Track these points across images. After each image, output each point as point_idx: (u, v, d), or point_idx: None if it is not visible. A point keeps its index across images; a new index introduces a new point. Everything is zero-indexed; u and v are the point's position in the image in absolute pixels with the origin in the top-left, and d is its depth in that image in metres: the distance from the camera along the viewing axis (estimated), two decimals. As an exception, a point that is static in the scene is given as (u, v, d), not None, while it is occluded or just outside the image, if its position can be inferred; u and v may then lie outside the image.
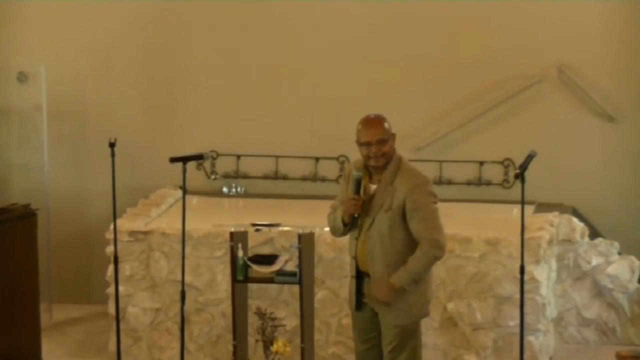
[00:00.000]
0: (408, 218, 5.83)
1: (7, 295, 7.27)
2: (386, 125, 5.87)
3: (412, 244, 5.85)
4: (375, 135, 5.82)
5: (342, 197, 6.01)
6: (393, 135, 5.90)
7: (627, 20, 9.00)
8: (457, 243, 7.66)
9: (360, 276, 5.98)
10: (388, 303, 5.87)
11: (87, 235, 9.46)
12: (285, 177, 9.45)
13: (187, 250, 7.46)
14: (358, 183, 5.86)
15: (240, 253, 6.80)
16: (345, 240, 6.27)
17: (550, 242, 7.90)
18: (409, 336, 5.94)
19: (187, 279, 7.58)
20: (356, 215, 5.88)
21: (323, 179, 9.37)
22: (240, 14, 9.39)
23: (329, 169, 9.25)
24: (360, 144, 5.90)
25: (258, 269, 6.79)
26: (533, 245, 7.62)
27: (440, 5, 9.13)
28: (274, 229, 6.99)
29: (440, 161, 9.13)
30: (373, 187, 5.91)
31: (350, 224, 5.93)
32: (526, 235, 6.91)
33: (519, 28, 9.07)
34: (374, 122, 5.88)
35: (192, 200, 8.76)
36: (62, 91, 9.46)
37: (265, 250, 7.57)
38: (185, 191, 6.68)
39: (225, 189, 9.42)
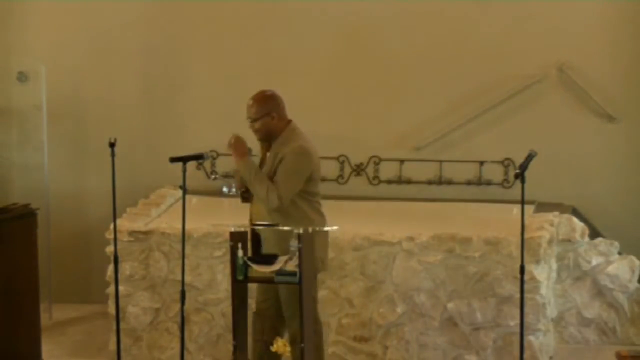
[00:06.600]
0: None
1: (7, 295, 7.26)
2: (260, 106, 6.52)
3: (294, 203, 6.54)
4: (248, 114, 6.61)
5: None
6: (269, 115, 6.50)
7: (626, 20, 8.99)
8: (457, 243, 7.66)
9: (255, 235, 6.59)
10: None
11: (87, 235, 9.46)
12: (285, 177, 9.44)
13: (187, 250, 7.46)
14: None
15: (240, 253, 6.80)
16: (345, 240, 6.33)
17: (550, 242, 7.89)
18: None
19: (187, 278, 7.58)
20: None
21: (323, 179, 9.35)
22: (240, 14, 9.40)
23: (329, 169, 9.24)
24: None
25: (258, 269, 6.78)
26: (533, 245, 7.62)
27: (441, 4, 9.13)
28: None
29: (440, 161, 9.13)
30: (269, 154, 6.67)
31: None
32: (526, 235, 6.90)
33: (519, 28, 9.07)
34: (250, 103, 6.61)
35: (192, 200, 8.75)
36: (62, 91, 9.46)
37: (265, 250, 7.55)
38: (185, 191, 6.69)
39: (225, 189, 9.39)
